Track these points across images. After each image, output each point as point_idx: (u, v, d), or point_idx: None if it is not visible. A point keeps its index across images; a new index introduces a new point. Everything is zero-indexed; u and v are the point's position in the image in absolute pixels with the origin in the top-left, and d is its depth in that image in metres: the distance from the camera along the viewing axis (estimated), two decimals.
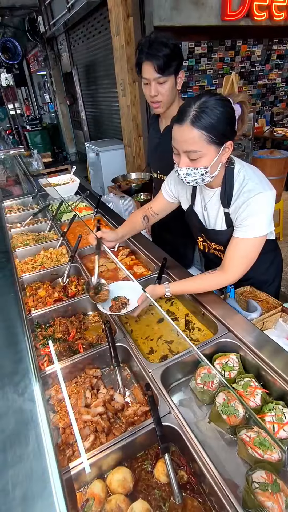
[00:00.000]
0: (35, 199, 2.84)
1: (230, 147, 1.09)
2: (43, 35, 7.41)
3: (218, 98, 1.03)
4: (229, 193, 1.22)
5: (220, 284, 1.31)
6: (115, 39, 4.42)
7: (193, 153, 1.06)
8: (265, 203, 1.14)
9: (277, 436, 0.89)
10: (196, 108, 1.01)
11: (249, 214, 1.15)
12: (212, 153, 1.07)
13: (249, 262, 1.25)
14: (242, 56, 5.32)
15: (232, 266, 1.24)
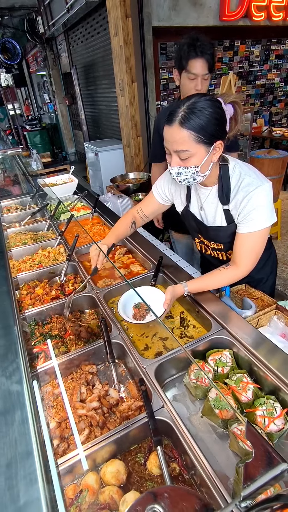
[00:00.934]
0: (33, 198, 2.87)
1: (220, 147, 1.11)
2: (42, 35, 7.42)
3: (208, 99, 1.05)
4: (227, 190, 1.24)
5: (235, 278, 1.33)
6: (113, 40, 4.44)
7: (183, 152, 1.08)
8: (265, 196, 1.16)
9: (267, 430, 0.92)
10: (185, 109, 1.03)
11: (251, 208, 1.17)
12: (201, 153, 1.09)
13: (258, 254, 1.27)
14: (240, 56, 5.34)
15: (243, 260, 1.27)
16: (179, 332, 1.32)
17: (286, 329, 1.46)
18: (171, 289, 1.30)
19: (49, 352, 1.23)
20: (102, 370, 1.24)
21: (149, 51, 4.47)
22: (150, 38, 4.41)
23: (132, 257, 1.87)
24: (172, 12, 4.44)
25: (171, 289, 1.30)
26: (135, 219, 1.59)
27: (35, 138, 8.38)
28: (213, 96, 1.10)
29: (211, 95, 1.10)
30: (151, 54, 4.49)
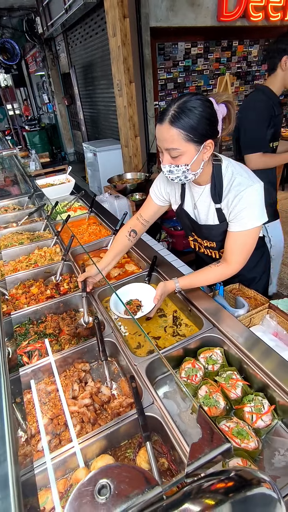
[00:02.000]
0: (31, 199, 2.88)
1: (211, 146, 1.13)
2: (41, 35, 7.44)
3: (198, 98, 1.06)
4: (219, 189, 1.25)
5: (225, 275, 1.35)
6: (111, 40, 4.45)
7: (173, 150, 1.10)
8: (256, 195, 1.17)
9: (255, 426, 0.93)
10: (175, 108, 1.05)
11: (242, 207, 1.19)
12: (191, 151, 1.10)
13: (249, 252, 1.29)
14: (238, 56, 5.35)
15: (234, 257, 1.28)
16: (171, 330, 1.34)
17: (278, 328, 1.47)
18: (162, 285, 1.32)
19: (43, 350, 1.25)
20: (95, 368, 1.26)
21: (147, 52, 4.48)
22: (148, 38, 4.43)
23: (127, 257, 1.89)
24: (170, 13, 4.46)
25: (162, 285, 1.32)
26: (135, 226, 1.56)
27: (34, 138, 8.40)
28: (204, 96, 1.11)
29: (203, 95, 1.12)
30: (149, 54, 4.51)
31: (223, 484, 0.30)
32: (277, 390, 0.98)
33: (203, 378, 1.08)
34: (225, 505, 0.28)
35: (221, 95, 1.15)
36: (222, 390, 1.03)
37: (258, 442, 0.88)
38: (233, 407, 1.02)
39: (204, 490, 0.30)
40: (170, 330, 1.34)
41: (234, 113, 1.20)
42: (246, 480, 0.31)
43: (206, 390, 1.03)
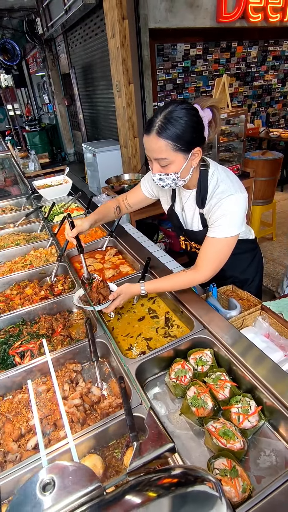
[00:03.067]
0: (28, 200, 2.90)
1: (199, 153, 1.14)
2: (42, 36, 7.46)
3: (183, 108, 1.07)
4: (204, 194, 1.27)
5: (193, 282, 1.34)
6: (110, 41, 4.47)
7: (162, 160, 1.11)
8: (236, 205, 1.19)
9: (241, 426, 0.94)
10: (161, 118, 1.06)
11: (220, 215, 1.20)
12: (180, 160, 1.12)
13: (221, 261, 1.28)
14: (237, 57, 5.36)
15: (204, 264, 1.28)
16: (163, 331, 1.35)
17: (270, 329, 1.48)
18: (125, 285, 1.35)
19: (35, 351, 1.26)
20: (87, 368, 1.27)
21: (145, 53, 4.50)
22: (147, 39, 4.44)
23: (122, 258, 1.90)
24: (169, 14, 4.47)
25: (126, 286, 1.35)
26: (120, 204, 1.63)
27: (34, 138, 8.42)
28: (189, 104, 1.13)
29: (188, 103, 1.13)
30: (147, 55, 4.52)
31: (167, 480, 0.32)
32: (264, 392, 0.99)
33: (192, 379, 1.09)
34: (166, 498, 0.29)
35: (206, 100, 1.17)
36: (210, 391, 1.04)
37: (244, 442, 0.90)
38: (221, 408, 1.03)
39: (147, 484, 0.31)
40: (161, 331, 1.35)
41: (219, 116, 1.22)
42: (190, 478, 0.32)
43: (195, 391, 1.04)
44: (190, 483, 0.31)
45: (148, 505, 0.28)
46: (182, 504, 0.29)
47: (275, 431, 0.96)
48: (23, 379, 1.17)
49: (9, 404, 1.07)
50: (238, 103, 5.74)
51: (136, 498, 0.29)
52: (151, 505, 0.28)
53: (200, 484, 0.31)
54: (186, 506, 0.29)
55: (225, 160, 3.54)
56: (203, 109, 1.17)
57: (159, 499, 0.29)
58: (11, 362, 1.22)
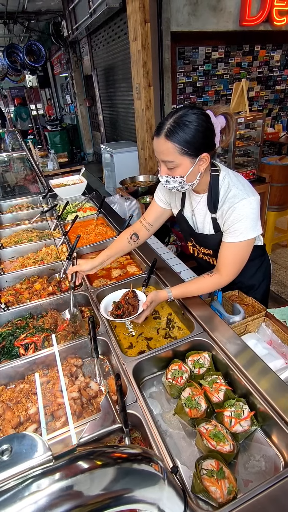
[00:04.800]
0: (45, 198, 2.98)
1: (207, 158, 1.16)
2: (66, 38, 7.63)
3: (194, 113, 1.09)
4: (215, 199, 1.28)
5: (217, 285, 1.37)
6: (132, 44, 4.53)
7: (169, 163, 1.14)
8: (249, 208, 1.19)
9: (232, 430, 0.95)
10: (171, 122, 1.08)
11: (235, 219, 1.21)
12: (186, 164, 1.14)
13: (241, 263, 1.31)
14: (260, 61, 5.30)
15: (226, 268, 1.30)
16: (164, 332, 1.37)
17: (273, 336, 1.48)
18: (154, 293, 1.35)
19: (39, 344, 1.31)
20: (88, 364, 1.30)
21: (166, 56, 4.53)
22: (168, 43, 4.47)
23: (129, 258, 1.93)
24: (192, 18, 4.48)
25: (154, 293, 1.35)
26: (138, 230, 1.57)
27: (55, 138, 8.60)
28: (201, 109, 1.14)
29: (200, 109, 1.15)
30: (168, 58, 4.55)
31: (117, 454, 0.35)
32: (258, 398, 0.99)
33: (188, 381, 1.11)
34: (112, 468, 0.32)
35: (219, 107, 1.18)
36: (205, 393, 1.06)
37: (233, 446, 0.90)
38: (215, 411, 1.04)
39: (98, 454, 0.34)
40: (162, 332, 1.37)
41: (233, 124, 1.22)
42: (139, 457, 0.35)
43: (190, 392, 1.06)
44: (137, 461, 0.34)
45: (94, 472, 0.31)
46: (125, 476, 0.32)
47: (267, 438, 0.97)
48: (25, 370, 1.22)
49: (11, 393, 1.12)
50: (259, 107, 5.68)
51: (84, 464, 0.32)
52: (96, 472, 0.31)
53: (147, 464, 0.34)
54: (129, 477, 0.32)
55: (240, 164, 3.52)
56: (217, 116, 1.18)
57: (105, 468, 0.32)
58: (16, 353, 1.27)
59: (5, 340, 1.34)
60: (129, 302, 1.35)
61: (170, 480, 0.35)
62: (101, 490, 0.30)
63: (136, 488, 0.31)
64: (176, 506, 0.35)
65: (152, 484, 0.32)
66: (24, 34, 8.30)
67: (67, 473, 0.30)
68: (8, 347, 1.30)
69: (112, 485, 0.30)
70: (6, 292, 1.67)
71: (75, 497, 0.28)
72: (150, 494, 0.33)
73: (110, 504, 0.29)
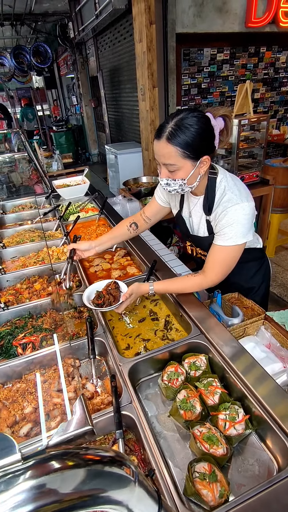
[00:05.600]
0: (48, 198, 3.00)
1: (207, 161, 1.16)
2: (73, 40, 7.67)
3: (195, 116, 1.09)
4: (211, 202, 1.28)
5: (200, 286, 1.37)
6: (137, 46, 4.54)
7: (170, 166, 1.14)
8: (241, 214, 1.19)
9: (227, 433, 0.95)
10: (172, 125, 1.09)
11: (226, 223, 1.21)
12: (188, 167, 1.14)
13: (228, 268, 1.30)
14: (265, 62, 5.28)
15: (211, 270, 1.31)
16: (161, 334, 1.37)
17: (272, 340, 1.47)
18: (135, 285, 1.38)
19: (37, 344, 1.32)
20: (85, 365, 1.31)
21: (171, 57, 4.53)
22: (173, 44, 4.48)
23: (130, 259, 1.94)
24: (197, 19, 4.48)
25: (136, 286, 1.37)
26: (137, 220, 1.65)
27: (60, 138, 8.66)
28: (201, 112, 1.15)
29: (200, 111, 1.15)
30: (173, 60, 4.56)
31: (89, 456, 0.35)
32: (253, 401, 0.99)
33: (184, 383, 1.10)
34: (82, 469, 0.32)
35: (218, 109, 1.18)
36: (200, 396, 1.05)
37: (227, 449, 0.90)
38: (210, 413, 1.04)
39: (71, 455, 0.35)
40: (160, 333, 1.37)
41: (231, 126, 1.23)
42: (111, 460, 0.36)
43: (185, 395, 1.05)
44: (109, 463, 0.34)
45: (64, 472, 0.32)
46: (96, 477, 0.33)
47: (262, 442, 0.96)
48: (23, 370, 1.23)
49: (7, 392, 1.13)
50: (264, 109, 5.65)
51: (56, 464, 0.33)
52: (67, 472, 0.32)
53: (118, 467, 0.34)
54: (100, 479, 0.33)
55: (244, 166, 3.50)
56: (216, 118, 1.18)
57: (76, 469, 0.32)
58: (14, 353, 1.28)
59: (3, 339, 1.35)
60: (110, 293, 1.37)
61: (142, 483, 0.35)
62: (70, 490, 0.30)
63: (106, 489, 0.32)
64: (149, 508, 0.35)
65: (123, 487, 0.33)
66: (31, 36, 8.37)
67: (36, 473, 0.30)
68: (7, 346, 1.31)
69: (81, 486, 0.31)
70: (6, 291, 1.68)
71: (43, 496, 0.28)
72: (121, 495, 0.33)
73: (76, 505, 0.30)
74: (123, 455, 0.38)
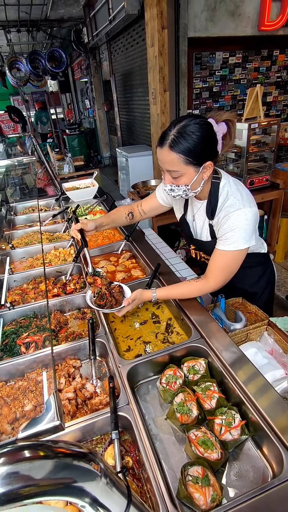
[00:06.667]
0: (58, 201, 3.06)
1: (210, 166, 1.17)
2: (87, 45, 7.80)
3: (197, 122, 1.10)
4: (214, 206, 1.28)
5: (202, 291, 1.38)
6: (149, 50, 4.58)
7: (174, 172, 1.15)
8: (244, 219, 1.19)
9: (222, 438, 0.95)
10: (175, 132, 1.10)
11: (228, 228, 1.21)
12: (191, 173, 1.15)
13: (229, 273, 1.30)
14: (279, 65, 5.24)
15: (213, 275, 1.31)
16: (162, 337, 1.38)
17: (275, 346, 1.46)
18: (139, 291, 1.39)
19: (40, 343, 1.35)
20: (86, 366, 1.33)
21: (183, 61, 4.55)
22: (185, 48, 4.50)
23: (135, 262, 1.96)
24: (209, 23, 4.49)
25: (139, 292, 1.39)
26: (134, 211, 1.67)
27: (73, 142, 8.78)
28: (204, 118, 1.15)
29: (203, 117, 1.16)
30: (185, 63, 4.57)
31: (61, 449, 0.37)
32: (250, 408, 0.98)
33: (181, 386, 1.11)
34: (52, 460, 0.34)
35: (221, 114, 1.19)
36: (197, 400, 1.06)
37: (221, 454, 0.90)
38: (206, 417, 1.04)
39: (44, 446, 0.37)
40: (161, 336, 1.38)
41: (234, 130, 1.23)
42: (81, 454, 0.37)
43: (182, 398, 1.06)
44: (78, 457, 0.36)
45: (33, 461, 0.34)
46: (65, 468, 0.35)
47: (258, 448, 0.96)
48: (25, 368, 1.26)
49: (9, 389, 1.16)
50: (277, 112, 5.60)
51: (28, 453, 0.35)
52: (36, 462, 0.34)
53: (86, 462, 0.36)
54: (68, 470, 0.35)
55: (254, 170, 3.48)
56: (218, 123, 1.19)
57: (45, 460, 0.34)
58: (17, 351, 1.32)
59: (8, 338, 1.38)
60: (113, 296, 1.38)
61: (110, 479, 0.37)
62: (41, 477, 0.32)
63: (77, 480, 0.34)
64: (117, 502, 0.37)
65: (90, 480, 0.35)
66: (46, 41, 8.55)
67: (9, 459, 0.32)
68: (11, 345, 1.35)
69: (51, 475, 0.33)
70: (13, 291, 1.72)
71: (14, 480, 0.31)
72: (88, 488, 0.35)
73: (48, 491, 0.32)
74: (94, 452, 0.40)
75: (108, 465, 0.40)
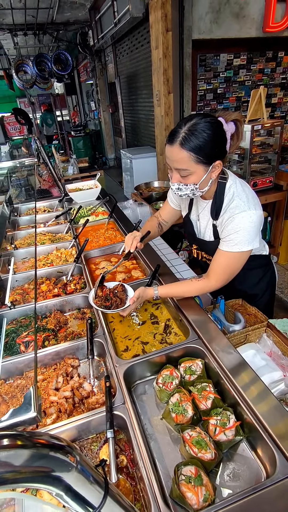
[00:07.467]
0: (61, 202, 3.08)
1: (219, 166, 1.17)
2: (92, 47, 7.86)
3: (208, 121, 1.10)
4: (219, 207, 1.29)
5: (203, 290, 1.39)
6: (154, 52, 4.61)
7: (183, 171, 1.15)
8: (248, 221, 1.19)
9: (216, 438, 0.96)
10: (185, 130, 1.09)
11: (232, 229, 1.21)
12: (200, 172, 1.15)
13: (231, 274, 1.31)
14: (284, 67, 5.23)
15: (215, 275, 1.31)
16: (160, 337, 1.39)
17: (274, 348, 1.46)
18: (141, 289, 1.39)
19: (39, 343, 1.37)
20: (85, 365, 1.34)
21: (187, 63, 4.56)
22: (189, 50, 4.51)
23: (135, 263, 1.97)
24: (214, 25, 4.50)
25: (142, 290, 1.39)
26: (160, 222, 1.71)
27: (78, 143, 8.84)
28: (214, 117, 1.16)
29: (213, 116, 1.16)
30: (189, 65, 4.59)
31: (41, 440, 0.38)
32: (245, 409, 0.99)
33: (177, 387, 1.12)
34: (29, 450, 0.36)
35: (230, 114, 1.19)
36: (193, 400, 1.06)
37: (215, 454, 0.91)
38: (201, 418, 1.04)
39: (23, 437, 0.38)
40: (159, 337, 1.39)
41: (242, 130, 1.23)
42: (58, 446, 0.39)
43: (178, 398, 1.07)
44: (54, 449, 0.38)
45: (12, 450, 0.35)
46: (42, 458, 0.36)
47: (252, 450, 0.96)
48: (24, 367, 1.28)
49: (8, 387, 1.18)
50: (282, 113, 5.58)
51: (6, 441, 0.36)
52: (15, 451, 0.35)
53: (64, 454, 0.37)
54: (45, 460, 0.37)
55: (257, 171, 3.47)
56: (227, 122, 1.19)
57: (23, 449, 0.36)
58: (17, 350, 1.34)
59: (8, 336, 1.40)
60: (117, 295, 1.39)
61: (86, 471, 0.38)
62: (19, 464, 0.34)
63: (54, 469, 0.35)
64: (94, 493, 0.38)
65: (66, 471, 0.36)
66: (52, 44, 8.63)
67: None
68: (11, 344, 1.37)
69: (29, 463, 0.34)
70: (14, 291, 1.75)
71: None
72: (65, 478, 0.37)
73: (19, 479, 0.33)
74: (73, 446, 0.41)
75: (86, 459, 0.41)
